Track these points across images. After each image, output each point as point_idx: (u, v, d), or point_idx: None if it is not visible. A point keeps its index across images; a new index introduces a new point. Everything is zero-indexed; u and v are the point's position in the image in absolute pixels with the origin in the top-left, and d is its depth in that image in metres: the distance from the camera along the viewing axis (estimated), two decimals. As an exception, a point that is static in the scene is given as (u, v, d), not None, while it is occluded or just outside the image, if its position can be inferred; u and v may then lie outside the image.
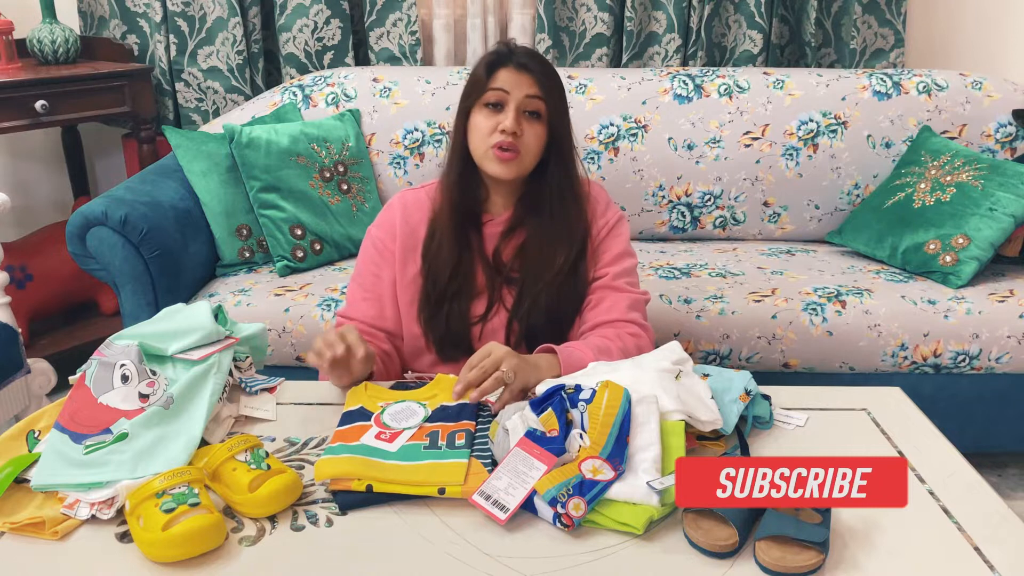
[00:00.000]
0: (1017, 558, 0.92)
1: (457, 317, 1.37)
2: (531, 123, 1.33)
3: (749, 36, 2.61)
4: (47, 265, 2.40)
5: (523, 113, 1.32)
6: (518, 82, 1.32)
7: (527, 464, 0.99)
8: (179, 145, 2.13)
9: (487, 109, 1.33)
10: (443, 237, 1.38)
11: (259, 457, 1.01)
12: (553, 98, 1.34)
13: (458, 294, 1.37)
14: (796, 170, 2.32)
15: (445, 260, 1.37)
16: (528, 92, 1.32)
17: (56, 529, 0.94)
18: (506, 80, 1.32)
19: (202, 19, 2.54)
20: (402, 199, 1.45)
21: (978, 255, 1.97)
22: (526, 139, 1.32)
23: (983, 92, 2.33)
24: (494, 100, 1.32)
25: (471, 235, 1.39)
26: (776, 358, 1.90)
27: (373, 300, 1.42)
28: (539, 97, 1.32)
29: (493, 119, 1.32)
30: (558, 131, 1.35)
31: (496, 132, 1.31)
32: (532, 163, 1.35)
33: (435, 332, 1.38)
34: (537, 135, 1.33)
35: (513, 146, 1.31)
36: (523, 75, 1.32)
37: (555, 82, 1.35)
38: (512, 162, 1.32)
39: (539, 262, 1.37)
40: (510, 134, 1.30)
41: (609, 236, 1.42)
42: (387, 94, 2.37)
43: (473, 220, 1.40)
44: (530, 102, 1.32)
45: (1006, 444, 2.00)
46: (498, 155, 1.31)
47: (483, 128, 1.32)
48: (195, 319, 1.24)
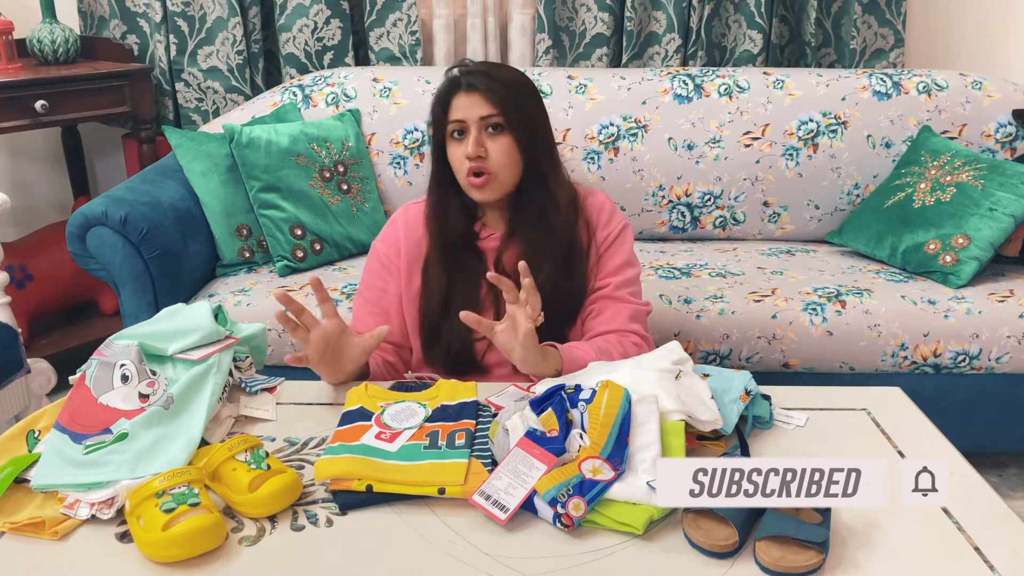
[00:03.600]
0: (1017, 558, 0.91)
1: (457, 339, 1.37)
2: (494, 138, 1.32)
3: (749, 36, 2.61)
4: (47, 265, 2.40)
5: (485, 131, 1.32)
6: (471, 105, 1.31)
7: (527, 464, 0.99)
8: (179, 145, 2.13)
9: (454, 139, 1.34)
10: (433, 270, 1.39)
11: (259, 457, 1.01)
12: (510, 108, 1.32)
13: (456, 322, 1.37)
14: (796, 170, 2.32)
15: (437, 292, 1.38)
16: (481, 113, 1.31)
17: (56, 529, 0.94)
18: (459, 107, 1.32)
19: (202, 19, 2.54)
20: (405, 214, 1.46)
21: (978, 255, 1.97)
22: (493, 157, 1.32)
23: (983, 92, 2.33)
24: (456, 130, 1.33)
25: (464, 257, 1.40)
26: (776, 358, 1.90)
27: (379, 314, 1.43)
28: (493, 112, 1.31)
29: (461, 148, 1.32)
30: (524, 136, 1.34)
31: (465, 160, 1.32)
32: (509, 177, 1.35)
33: (438, 357, 1.39)
34: (503, 149, 1.32)
35: (483, 169, 1.31)
36: (473, 96, 1.31)
37: (511, 90, 1.33)
38: (487, 186, 1.32)
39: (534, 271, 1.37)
40: (475, 158, 1.30)
41: (613, 246, 1.42)
42: (387, 94, 2.37)
43: (467, 241, 1.41)
44: (487, 120, 1.32)
45: (1006, 444, 2.00)
46: (472, 182, 1.32)
47: (455, 159, 1.34)
48: (195, 319, 1.24)
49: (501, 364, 1.38)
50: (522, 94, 1.35)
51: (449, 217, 1.39)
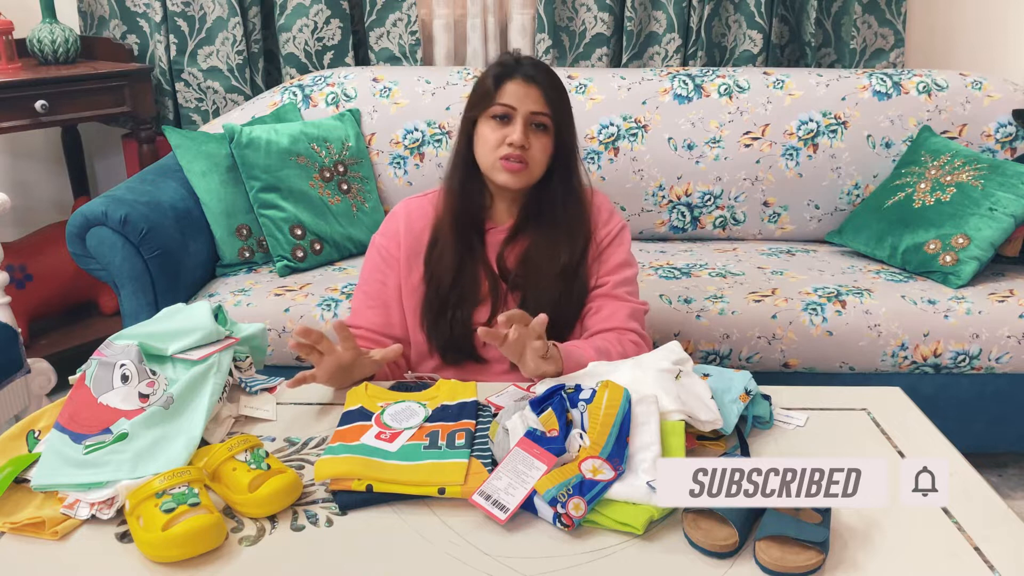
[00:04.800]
0: (1017, 558, 0.92)
1: (460, 324, 1.38)
2: (538, 135, 1.34)
3: (749, 36, 2.61)
4: (47, 265, 2.40)
5: (530, 126, 1.33)
6: (525, 95, 1.33)
7: (527, 464, 0.99)
8: (179, 145, 2.13)
9: (494, 121, 1.34)
10: (445, 243, 1.39)
11: (259, 457, 1.01)
12: (559, 111, 1.35)
13: (461, 301, 1.38)
14: (796, 170, 2.32)
15: (447, 266, 1.38)
16: (534, 107, 1.33)
17: (56, 529, 0.94)
18: (513, 93, 1.33)
19: (202, 19, 2.54)
20: (406, 207, 1.46)
21: (978, 255, 1.97)
22: (533, 151, 1.34)
23: (983, 92, 2.33)
24: (501, 113, 1.33)
25: (474, 242, 1.40)
26: (776, 358, 1.90)
27: (379, 308, 1.43)
28: (546, 112, 1.33)
29: (500, 131, 1.33)
30: (564, 143, 1.37)
31: (504, 144, 1.32)
32: (539, 173, 1.37)
33: (439, 339, 1.39)
34: (543, 147, 1.35)
35: (521, 158, 1.32)
36: (531, 88, 1.33)
37: (561, 94, 1.36)
38: (521, 172, 1.34)
39: (541, 269, 1.38)
40: (518, 147, 1.31)
41: (612, 245, 1.43)
42: (387, 94, 2.37)
43: (476, 227, 1.41)
44: (537, 116, 1.33)
45: (1006, 444, 2.00)
46: (506, 166, 1.33)
47: (490, 140, 1.34)
48: (195, 319, 1.24)
49: (500, 360, 1.39)
50: (567, 101, 1.38)
51: (466, 194, 1.40)
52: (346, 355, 1.22)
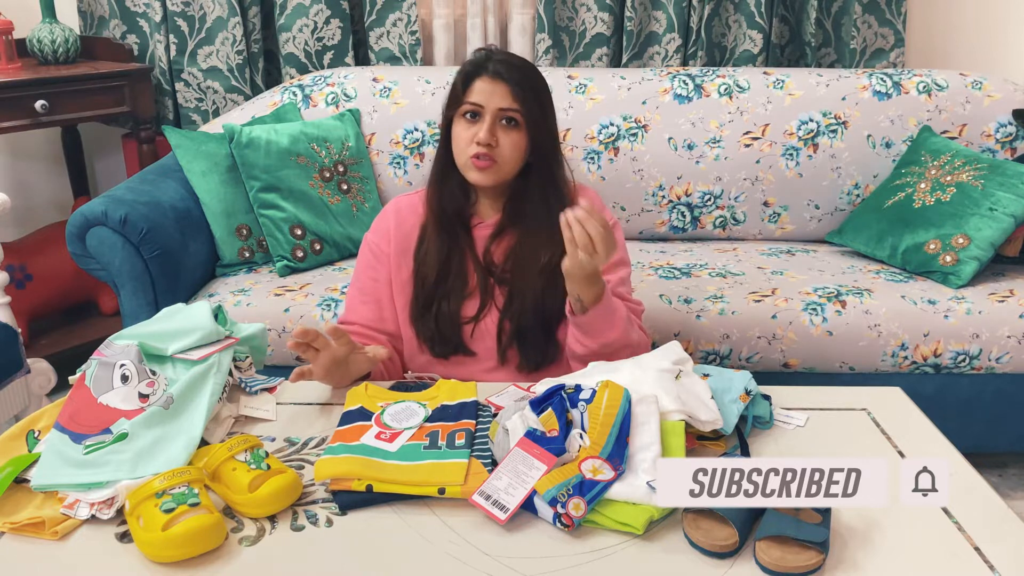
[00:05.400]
0: (1017, 558, 0.92)
1: (446, 318, 1.38)
2: (508, 131, 1.33)
3: (749, 36, 2.61)
4: (47, 265, 2.40)
5: (499, 122, 1.32)
6: (492, 92, 1.32)
7: (527, 464, 0.99)
8: (179, 145, 2.13)
9: (465, 120, 1.34)
10: (431, 240, 1.40)
11: (259, 457, 1.01)
12: (530, 105, 1.33)
13: (448, 295, 1.39)
14: (796, 170, 2.32)
15: (433, 262, 1.39)
16: (502, 104, 1.32)
17: (56, 529, 0.94)
18: (481, 91, 1.32)
19: (202, 19, 2.54)
20: (396, 205, 1.47)
21: (978, 255, 1.97)
22: (502, 148, 1.32)
23: (983, 92, 2.33)
24: (470, 111, 1.33)
25: (460, 237, 1.41)
26: (776, 358, 1.89)
27: (372, 303, 1.44)
28: (514, 108, 1.32)
29: (471, 130, 1.33)
30: (537, 136, 1.35)
31: (473, 143, 1.32)
32: (512, 169, 1.36)
33: (425, 331, 1.40)
34: (514, 143, 1.33)
35: (488, 156, 1.32)
36: (497, 84, 1.32)
37: (533, 88, 1.34)
38: (488, 170, 1.33)
39: (526, 264, 1.38)
40: (484, 145, 1.31)
41: None
42: (387, 94, 2.37)
43: (462, 223, 1.42)
44: (505, 112, 1.32)
45: (1006, 444, 2.00)
46: (475, 164, 1.32)
47: (462, 139, 1.34)
48: (195, 319, 1.24)
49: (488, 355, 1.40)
50: (541, 95, 1.36)
51: (445, 193, 1.40)
52: (340, 350, 1.23)
